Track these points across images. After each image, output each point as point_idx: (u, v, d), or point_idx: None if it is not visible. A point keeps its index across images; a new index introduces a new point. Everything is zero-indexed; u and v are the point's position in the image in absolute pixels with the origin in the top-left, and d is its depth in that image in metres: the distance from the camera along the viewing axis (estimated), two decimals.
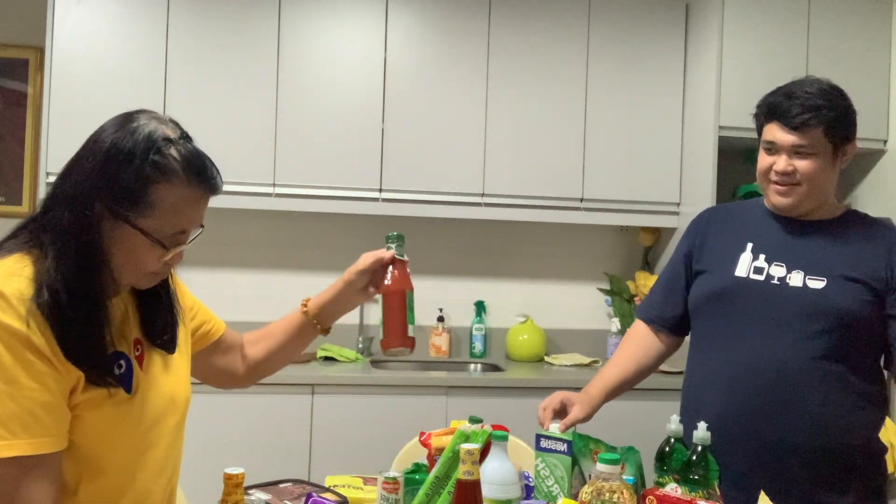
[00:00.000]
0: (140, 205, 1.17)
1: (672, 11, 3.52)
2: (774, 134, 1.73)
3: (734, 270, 1.78)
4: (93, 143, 1.21)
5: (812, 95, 1.69)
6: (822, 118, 1.67)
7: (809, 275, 1.71)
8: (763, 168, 1.77)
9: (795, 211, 1.77)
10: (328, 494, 1.55)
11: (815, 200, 1.75)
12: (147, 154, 1.17)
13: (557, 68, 3.43)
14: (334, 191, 3.28)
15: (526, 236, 3.77)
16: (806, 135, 1.68)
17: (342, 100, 3.30)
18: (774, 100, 1.74)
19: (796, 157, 1.71)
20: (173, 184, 1.19)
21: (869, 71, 3.33)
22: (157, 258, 1.22)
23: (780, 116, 1.71)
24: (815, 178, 1.71)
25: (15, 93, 3.60)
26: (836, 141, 1.71)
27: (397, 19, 3.34)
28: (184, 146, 1.22)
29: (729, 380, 1.73)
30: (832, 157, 1.72)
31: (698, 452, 1.49)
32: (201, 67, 3.21)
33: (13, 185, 3.62)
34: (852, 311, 1.67)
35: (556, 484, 1.56)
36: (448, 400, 3.06)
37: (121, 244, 1.19)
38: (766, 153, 1.76)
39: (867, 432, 1.71)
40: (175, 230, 1.22)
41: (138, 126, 1.21)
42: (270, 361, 1.63)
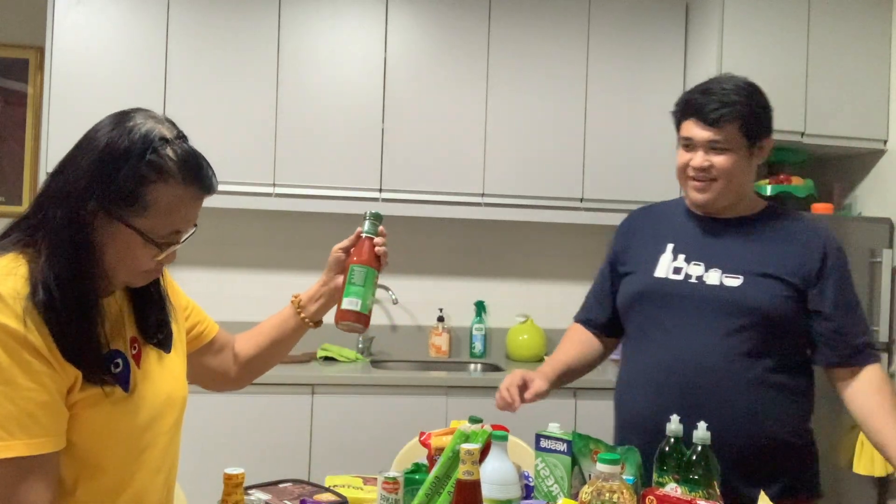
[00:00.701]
0: (135, 204, 1.17)
1: (672, 11, 3.52)
2: (691, 130, 1.75)
3: (654, 271, 1.80)
4: (88, 142, 1.22)
5: (727, 92, 1.72)
6: (736, 113, 1.70)
7: (726, 273, 1.73)
8: (681, 164, 1.79)
9: (713, 206, 1.79)
10: (328, 495, 1.55)
11: (733, 195, 1.77)
12: (143, 153, 1.17)
13: (557, 68, 3.43)
14: (334, 191, 3.28)
15: (526, 236, 3.77)
16: (721, 130, 1.71)
17: (342, 100, 3.30)
18: (691, 97, 1.77)
19: (712, 152, 1.73)
20: (169, 184, 1.18)
21: (869, 71, 3.33)
22: (151, 257, 1.22)
23: (696, 113, 1.73)
24: (731, 172, 1.73)
25: (15, 93, 3.59)
26: (752, 136, 1.74)
27: (397, 19, 3.34)
28: (180, 146, 1.21)
29: (653, 380, 1.75)
30: (748, 153, 1.75)
31: (698, 452, 1.49)
32: (201, 67, 3.21)
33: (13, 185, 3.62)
34: (769, 308, 1.69)
35: (556, 484, 1.56)
36: (448, 400, 3.06)
37: (114, 243, 1.19)
38: (684, 150, 1.78)
39: (795, 424, 1.75)
40: (169, 230, 1.21)
41: (135, 125, 1.21)
42: (261, 358, 1.61)
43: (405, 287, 3.66)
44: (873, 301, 3.14)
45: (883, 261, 3.14)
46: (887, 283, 3.15)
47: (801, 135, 3.30)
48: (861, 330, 1.77)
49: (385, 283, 3.61)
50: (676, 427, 1.55)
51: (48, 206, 1.19)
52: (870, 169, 3.43)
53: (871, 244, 3.16)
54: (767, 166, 3.53)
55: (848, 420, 3.11)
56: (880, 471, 3.03)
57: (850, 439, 3.11)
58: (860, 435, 3.08)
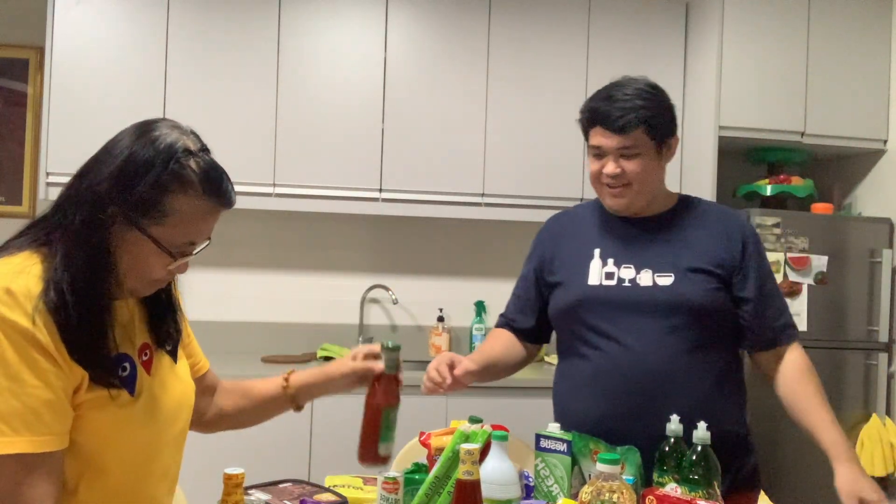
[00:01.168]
0: (154, 212, 1.18)
1: (672, 11, 3.52)
2: (599, 139, 1.77)
3: (587, 279, 1.80)
4: (111, 148, 1.22)
5: (630, 97, 1.73)
6: (641, 118, 1.72)
7: (657, 272, 1.75)
8: (594, 172, 1.81)
9: (630, 210, 1.81)
10: (328, 494, 1.55)
11: (647, 197, 1.80)
12: (167, 163, 1.18)
13: (557, 68, 3.43)
14: (334, 191, 3.28)
15: (526, 236, 3.76)
16: (629, 136, 1.72)
17: (342, 100, 3.30)
18: (595, 105, 1.78)
19: (623, 159, 1.75)
20: (189, 194, 1.19)
21: (869, 71, 3.33)
22: (163, 266, 1.23)
23: (602, 121, 1.75)
24: (643, 176, 1.75)
25: (15, 93, 3.59)
26: (658, 138, 1.76)
27: (397, 19, 3.34)
28: (203, 158, 1.22)
29: (600, 387, 1.74)
30: (657, 154, 1.77)
31: (698, 452, 1.49)
32: (201, 67, 3.21)
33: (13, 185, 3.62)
34: (703, 302, 1.72)
35: (555, 484, 1.56)
36: (448, 400, 3.06)
37: (129, 249, 1.20)
38: (595, 158, 1.80)
39: (738, 416, 1.79)
40: (184, 240, 1.22)
41: (160, 135, 1.21)
42: (237, 419, 1.60)
43: (405, 287, 3.66)
44: (873, 301, 3.14)
45: (883, 261, 3.14)
46: (887, 283, 3.15)
47: (801, 135, 3.30)
48: (780, 311, 1.81)
49: (385, 283, 3.61)
50: (676, 427, 1.55)
51: (67, 207, 1.19)
52: (870, 169, 3.43)
53: (871, 244, 3.16)
54: (767, 166, 3.53)
55: (847, 420, 3.11)
56: (880, 471, 3.03)
57: (850, 439, 3.10)
58: (860, 435, 3.08)
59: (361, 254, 3.66)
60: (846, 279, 3.13)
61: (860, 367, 3.14)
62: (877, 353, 3.14)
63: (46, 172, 3.09)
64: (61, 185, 3.19)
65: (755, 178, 3.48)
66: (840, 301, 3.13)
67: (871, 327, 3.15)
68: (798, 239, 3.10)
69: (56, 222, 1.20)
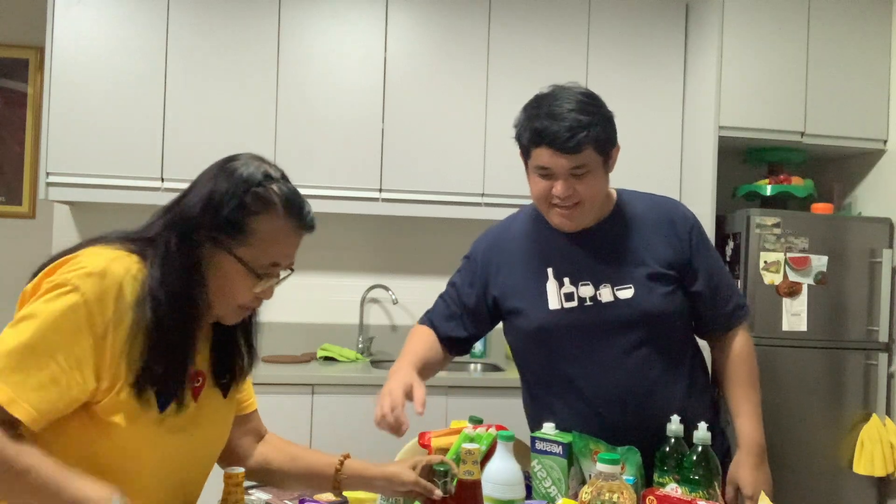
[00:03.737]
0: (239, 234, 1.25)
1: (672, 11, 3.52)
2: (547, 159, 1.64)
3: (547, 304, 1.74)
4: (201, 177, 1.31)
5: (574, 112, 1.62)
6: (592, 136, 1.63)
7: (616, 285, 1.70)
8: (541, 192, 1.69)
9: (580, 227, 1.74)
10: (328, 494, 1.55)
11: (596, 210, 1.74)
12: (250, 187, 1.26)
13: (557, 68, 3.43)
14: (334, 191, 3.28)
15: None
16: (580, 156, 1.63)
17: (342, 100, 3.30)
18: (539, 124, 1.63)
19: (573, 178, 1.65)
20: (271, 215, 1.27)
21: (869, 71, 3.33)
22: (248, 288, 1.29)
23: (550, 141, 1.62)
24: (593, 194, 1.69)
25: (15, 93, 3.60)
26: (605, 152, 1.69)
27: (397, 19, 3.34)
28: (284, 184, 1.31)
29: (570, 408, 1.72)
30: (603, 168, 1.70)
31: (698, 453, 1.49)
32: (201, 67, 3.21)
33: (13, 185, 3.62)
34: (665, 309, 1.70)
35: (553, 485, 1.56)
36: (448, 400, 3.06)
37: (217, 271, 1.26)
38: (541, 178, 1.68)
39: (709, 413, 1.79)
40: (269, 261, 1.29)
41: (244, 163, 1.30)
42: (279, 480, 1.56)
43: (405, 287, 3.66)
44: (873, 301, 3.14)
45: (883, 261, 3.14)
46: (887, 283, 3.15)
47: (801, 135, 3.30)
48: (729, 295, 1.81)
49: (385, 283, 3.61)
50: (677, 427, 1.56)
51: (163, 229, 1.26)
52: (870, 169, 3.43)
53: (871, 244, 3.16)
54: (768, 166, 3.53)
55: (848, 420, 3.12)
56: (880, 471, 3.03)
57: (851, 439, 3.11)
58: (860, 435, 3.08)
59: (361, 254, 3.66)
60: (846, 279, 3.13)
61: (860, 367, 3.14)
62: (877, 353, 3.14)
63: (46, 172, 3.09)
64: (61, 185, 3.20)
65: (755, 178, 3.48)
66: (840, 301, 3.13)
67: (871, 327, 3.14)
68: (798, 239, 3.10)
69: (153, 239, 1.26)
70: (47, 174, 3.09)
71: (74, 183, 3.12)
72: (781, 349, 3.06)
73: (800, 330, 3.09)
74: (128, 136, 3.15)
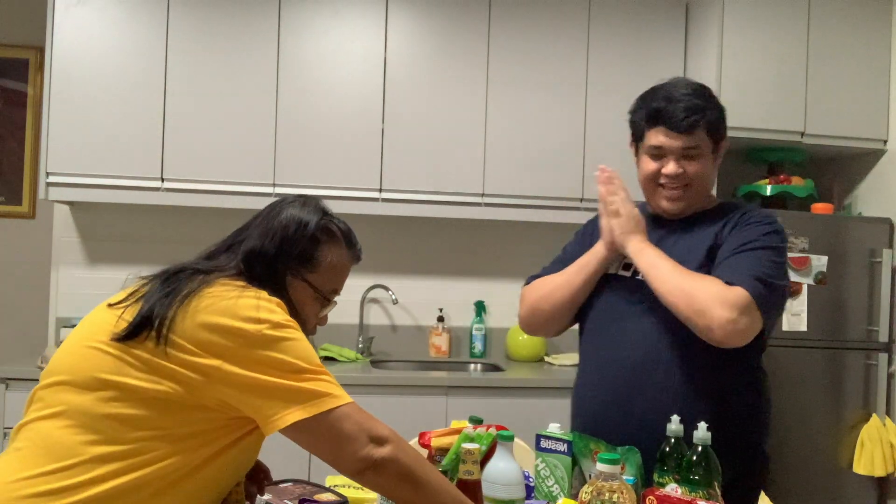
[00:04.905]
0: (310, 262, 1.40)
1: (672, 11, 3.52)
2: (660, 139, 1.73)
3: (609, 269, 1.82)
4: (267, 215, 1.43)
5: (690, 97, 1.72)
6: (705, 119, 1.71)
7: None
8: (650, 173, 1.78)
9: (686, 212, 1.79)
10: (328, 494, 1.55)
11: (701, 199, 1.79)
12: (319, 221, 1.43)
13: (557, 68, 3.43)
14: (334, 191, 3.28)
15: (526, 236, 3.77)
16: (693, 137, 1.71)
17: (342, 100, 3.30)
18: (656, 105, 1.73)
19: (684, 160, 1.73)
20: (335, 244, 1.45)
21: (869, 71, 3.33)
22: (315, 314, 1.45)
23: (666, 121, 1.71)
24: (702, 177, 1.75)
25: (15, 93, 3.60)
26: (717, 139, 1.75)
27: (397, 19, 3.34)
28: (339, 220, 1.49)
29: (598, 375, 1.77)
30: (713, 156, 1.77)
31: (698, 453, 1.49)
32: (201, 68, 3.21)
33: (13, 185, 3.63)
34: None
35: (556, 484, 1.56)
36: (448, 400, 3.06)
37: (294, 297, 1.39)
38: (652, 158, 1.77)
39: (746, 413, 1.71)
40: (331, 287, 1.45)
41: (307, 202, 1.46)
42: None
43: (405, 287, 3.66)
44: (873, 301, 3.15)
45: (883, 261, 3.14)
46: (887, 283, 3.15)
47: (801, 135, 3.30)
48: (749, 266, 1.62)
49: (385, 284, 3.61)
50: (677, 427, 1.55)
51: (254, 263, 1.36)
52: (870, 169, 3.43)
53: (871, 244, 3.16)
54: (768, 166, 3.53)
55: (848, 420, 3.12)
56: (880, 471, 3.04)
57: (851, 439, 3.11)
58: (860, 435, 3.08)
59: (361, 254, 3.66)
60: (846, 279, 3.13)
61: (860, 367, 3.14)
62: (877, 353, 3.14)
63: (46, 172, 3.09)
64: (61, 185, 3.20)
65: (755, 178, 3.48)
66: (840, 301, 3.13)
67: (870, 327, 3.15)
68: (798, 239, 3.10)
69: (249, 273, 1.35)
70: (47, 174, 3.09)
71: (74, 183, 3.11)
72: (781, 349, 3.06)
73: (800, 330, 3.09)
74: (128, 136, 3.15)
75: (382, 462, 1.25)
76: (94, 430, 1.19)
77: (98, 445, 1.18)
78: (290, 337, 1.25)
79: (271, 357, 1.22)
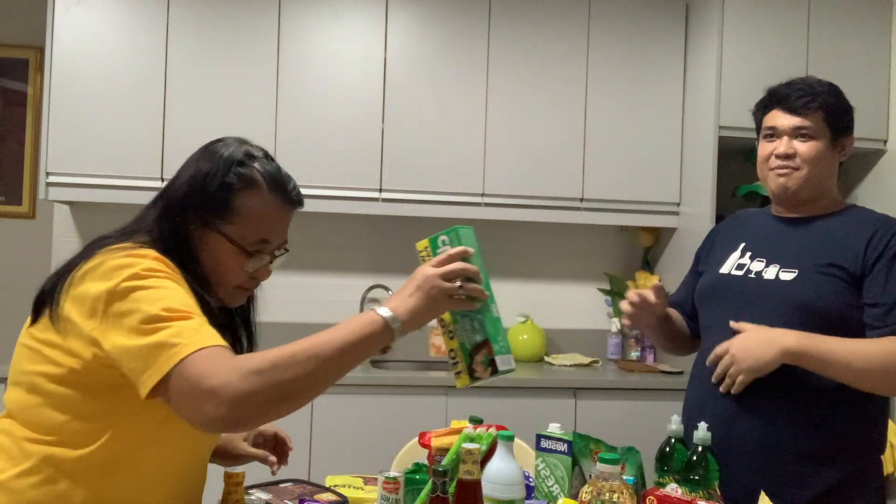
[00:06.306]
0: (224, 211, 1.28)
1: (672, 11, 3.52)
2: (775, 119, 1.77)
3: (720, 268, 1.83)
4: (185, 164, 1.35)
5: (812, 84, 1.76)
6: (821, 102, 1.72)
7: (784, 267, 1.72)
8: (764, 155, 1.80)
9: (795, 196, 1.76)
10: (328, 494, 1.55)
11: (815, 187, 1.75)
12: (231, 165, 1.30)
13: (557, 68, 3.43)
14: (334, 191, 3.28)
15: (526, 236, 3.77)
16: (807, 117, 1.72)
17: (342, 100, 3.30)
18: (775, 89, 1.80)
19: (797, 140, 1.74)
20: (255, 191, 1.30)
21: (869, 71, 3.33)
22: (240, 267, 1.31)
23: (780, 102, 1.76)
24: (815, 161, 1.73)
25: (15, 93, 3.60)
26: (835, 129, 1.74)
27: (397, 19, 3.34)
28: (267, 163, 1.34)
29: (703, 375, 1.75)
30: (831, 146, 1.75)
31: (699, 453, 1.49)
32: (201, 67, 3.21)
33: (13, 185, 3.62)
34: (818, 302, 1.65)
35: (556, 484, 1.56)
36: (448, 400, 3.06)
37: (208, 251, 1.29)
38: (767, 141, 1.79)
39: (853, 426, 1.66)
40: (256, 237, 1.31)
41: (225, 145, 1.34)
42: None
43: None
44: None
45: None
46: None
47: None
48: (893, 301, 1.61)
49: (385, 283, 3.61)
50: (677, 427, 1.55)
51: (154, 218, 1.28)
52: (870, 169, 3.43)
53: None
54: None
55: None
56: None
57: None
58: None
59: (361, 254, 3.66)
60: None
61: None
62: None
63: (46, 172, 3.09)
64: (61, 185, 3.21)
65: (755, 178, 3.47)
66: None
67: None
68: None
69: (145, 231, 1.28)
70: (47, 174, 3.09)
71: (74, 183, 3.12)
72: None
73: None
74: (128, 136, 3.15)
75: (230, 413, 1.05)
76: (31, 424, 1.21)
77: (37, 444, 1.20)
78: (145, 285, 1.14)
79: (125, 310, 1.12)
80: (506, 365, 1.31)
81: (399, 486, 1.46)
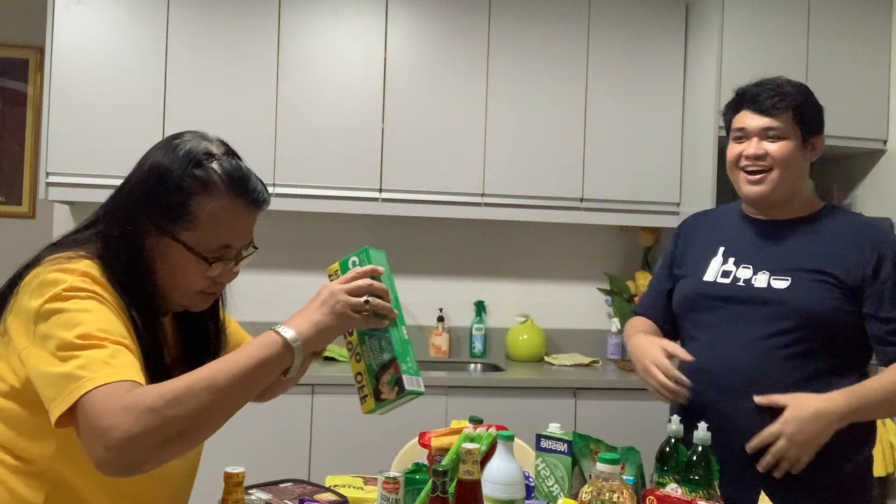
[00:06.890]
0: (181, 218, 1.18)
1: (672, 12, 3.52)
2: (744, 120, 1.75)
3: (704, 275, 1.80)
4: (140, 163, 1.25)
5: (781, 84, 1.74)
6: (791, 101, 1.71)
7: (775, 275, 1.70)
8: (733, 157, 1.78)
9: (768, 200, 1.75)
10: (328, 494, 1.55)
11: (787, 189, 1.74)
12: (186, 167, 1.19)
13: (557, 68, 3.43)
14: (334, 191, 3.28)
15: (526, 236, 3.77)
16: (776, 118, 1.71)
17: (342, 100, 3.30)
18: (744, 89, 1.78)
19: (767, 140, 1.72)
20: (213, 195, 1.19)
21: (869, 71, 3.33)
22: (200, 273, 1.22)
23: (749, 102, 1.74)
24: (786, 162, 1.71)
25: (15, 93, 3.60)
26: (805, 129, 1.73)
27: (397, 19, 3.34)
28: (227, 161, 1.24)
29: (699, 383, 1.73)
30: (802, 146, 1.74)
31: (698, 453, 1.49)
32: (201, 67, 3.21)
33: (13, 185, 3.62)
34: (816, 309, 1.64)
35: (556, 484, 1.56)
36: (448, 400, 3.06)
37: (165, 259, 1.20)
38: (736, 142, 1.77)
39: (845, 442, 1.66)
40: (218, 244, 1.22)
41: (181, 143, 1.23)
42: None
43: (405, 287, 3.62)
44: None
45: None
46: None
47: None
48: None
49: None
50: (677, 427, 1.55)
51: (104, 223, 1.21)
52: (870, 169, 3.43)
53: None
54: None
55: None
56: (880, 471, 3.03)
57: None
58: None
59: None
60: None
61: None
62: None
63: (46, 172, 3.09)
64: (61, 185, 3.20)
65: None
66: None
67: None
68: None
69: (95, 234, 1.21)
70: (47, 174, 3.09)
71: (74, 183, 3.11)
72: None
73: None
74: (128, 136, 3.15)
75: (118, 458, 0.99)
76: None
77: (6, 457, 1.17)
78: (64, 308, 1.07)
79: (44, 333, 1.06)
80: (413, 386, 1.24)
81: (399, 486, 1.46)
